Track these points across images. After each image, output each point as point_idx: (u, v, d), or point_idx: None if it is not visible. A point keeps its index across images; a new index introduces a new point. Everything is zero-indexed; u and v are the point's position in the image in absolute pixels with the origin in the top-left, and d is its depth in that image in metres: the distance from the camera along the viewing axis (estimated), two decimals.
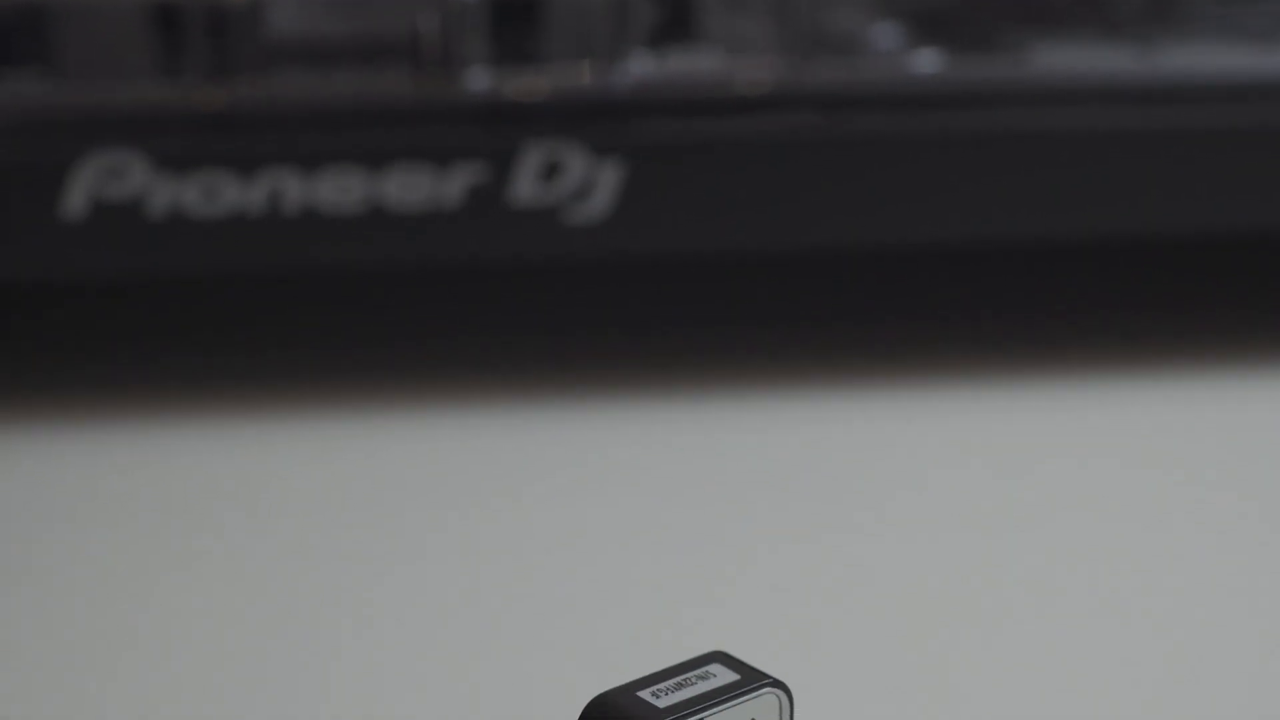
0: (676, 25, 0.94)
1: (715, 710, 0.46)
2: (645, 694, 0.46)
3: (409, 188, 0.88)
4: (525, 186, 0.89)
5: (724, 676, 0.47)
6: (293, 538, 0.82)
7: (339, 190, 0.88)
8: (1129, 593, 0.76)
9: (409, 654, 0.71)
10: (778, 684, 0.47)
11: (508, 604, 0.75)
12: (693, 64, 0.93)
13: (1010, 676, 0.69)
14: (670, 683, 0.47)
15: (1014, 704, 0.67)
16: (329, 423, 0.93)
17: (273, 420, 0.94)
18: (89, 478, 0.88)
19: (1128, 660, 0.71)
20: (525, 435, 0.92)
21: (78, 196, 0.87)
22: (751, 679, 0.47)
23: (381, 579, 0.77)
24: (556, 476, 0.88)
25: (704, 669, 0.47)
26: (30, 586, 0.78)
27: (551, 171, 0.89)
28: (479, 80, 0.90)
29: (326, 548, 0.81)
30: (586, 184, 0.89)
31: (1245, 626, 0.73)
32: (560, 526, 0.82)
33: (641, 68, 0.91)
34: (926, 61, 0.93)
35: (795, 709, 0.47)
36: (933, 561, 0.79)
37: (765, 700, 0.47)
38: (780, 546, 0.80)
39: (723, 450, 0.91)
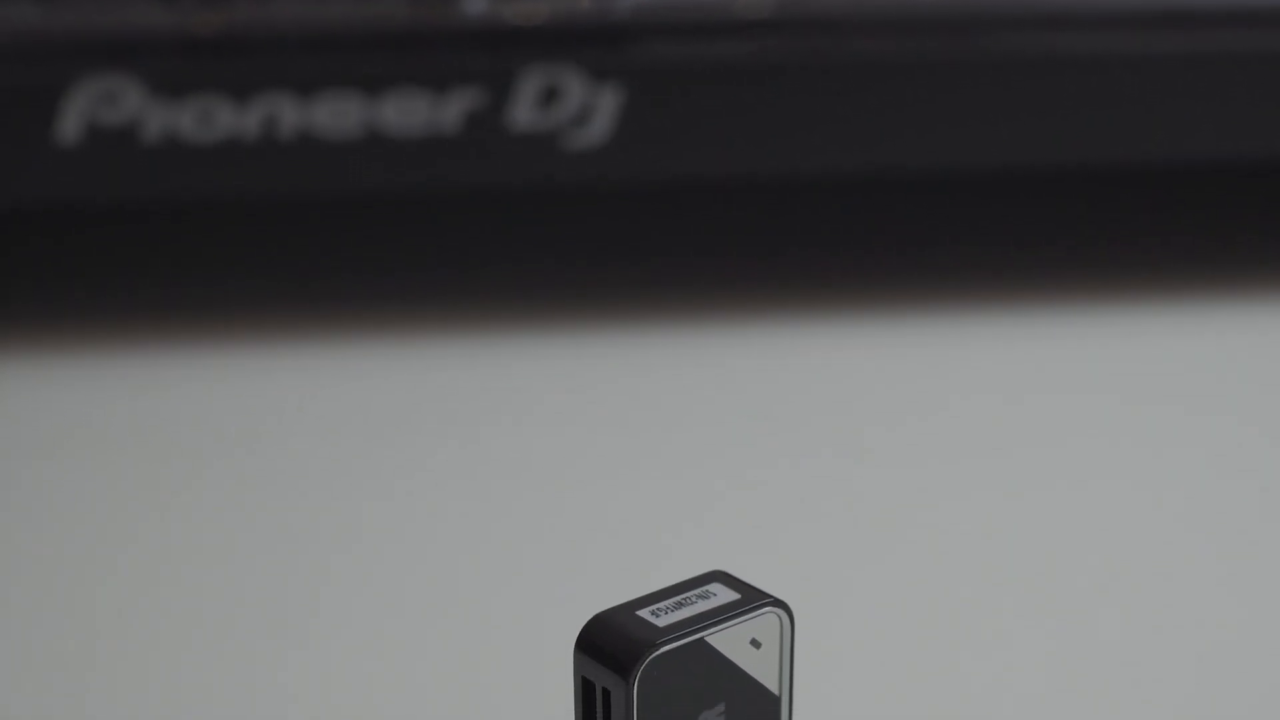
0: None
1: (715, 629, 0.45)
2: (644, 613, 0.46)
3: (406, 113, 0.87)
4: (523, 112, 0.88)
5: (724, 596, 0.47)
6: (290, 464, 0.81)
7: (335, 115, 0.87)
8: (1129, 521, 0.76)
9: (408, 579, 0.71)
10: (778, 603, 0.46)
11: (506, 527, 0.75)
12: None
13: (1008, 597, 0.69)
14: (670, 602, 0.46)
15: (1012, 623, 0.67)
16: (326, 350, 0.93)
17: (269, 348, 0.93)
18: (86, 405, 0.88)
19: (1129, 581, 0.71)
20: (522, 362, 0.91)
21: (72, 122, 0.86)
22: (752, 598, 0.46)
23: (380, 504, 0.77)
24: (553, 403, 0.87)
25: (704, 588, 0.47)
26: (34, 510, 0.78)
27: (550, 96, 0.88)
28: (476, 3, 0.89)
29: (324, 474, 0.80)
30: (585, 109, 0.88)
31: (1243, 541, 0.73)
32: (557, 452, 0.82)
33: None
34: None
35: (796, 628, 0.47)
36: (932, 485, 0.79)
37: (766, 619, 0.46)
38: (781, 472, 0.80)
39: (722, 376, 0.90)
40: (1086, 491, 0.78)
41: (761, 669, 0.47)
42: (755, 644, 0.46)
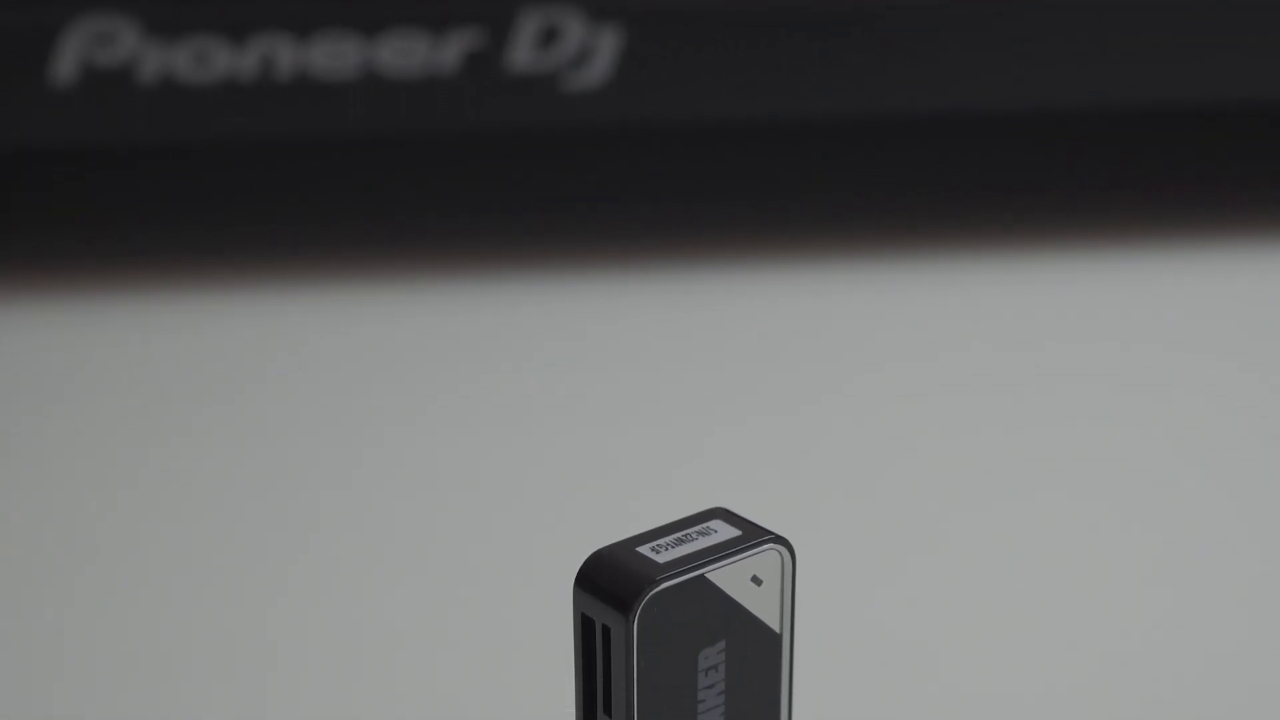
0: None
1: (716, 565, 0.45)
2: (645, 549, 0.45)
3: (404, 54, 0.87)
4: (522, 53, 0.87)
5: (725, 532, 0.46)
6: (288, 406, 0.81)
7: (332, 57, 0.86)
8: (1127, 463, 0.76)
9: (405, 517, 0.71)
10: (780, 540, 0.46)
11: (505, 466, 0.75)
12: None
13: (1007, 533, 0.69)
14: (670, 538, 0.46)
15: (1012, 559, 0.67)
16: (323, 293, 0.93)
17: (266, 290, 0.93)
18: (85, 347, 0.87)
19: (1126, 518, 0.70)
20: (521, 305, 0.91)
21: (67, 63, 0.85)
22: (753, 535, 0.46)
23: (377, 446, 0.77)
24: (554, 345, 0.87)
25: (705, 525, 0.46)
26: (30, 452, 0.77)
27: (549, 37, 0.87)
28: None
29: (322, 416, 0.80)
30: (585, 50, 0.88)
31: (1241, 477, 0.73)
32: (556, 394, 0.82)
33: None
34: None
35: (797, 565, 0.46)
36: (932, 426, 0.79)
37: (767, 556, 0.46)
38: (781, 413, 0.80)
39: (721, 320, 0.90)
40: (1084, 433, 0.78)
41: (762, 606, 0.46)
42: (756, 581, 0.46)
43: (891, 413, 0.80)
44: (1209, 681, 0.60)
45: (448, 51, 0.87)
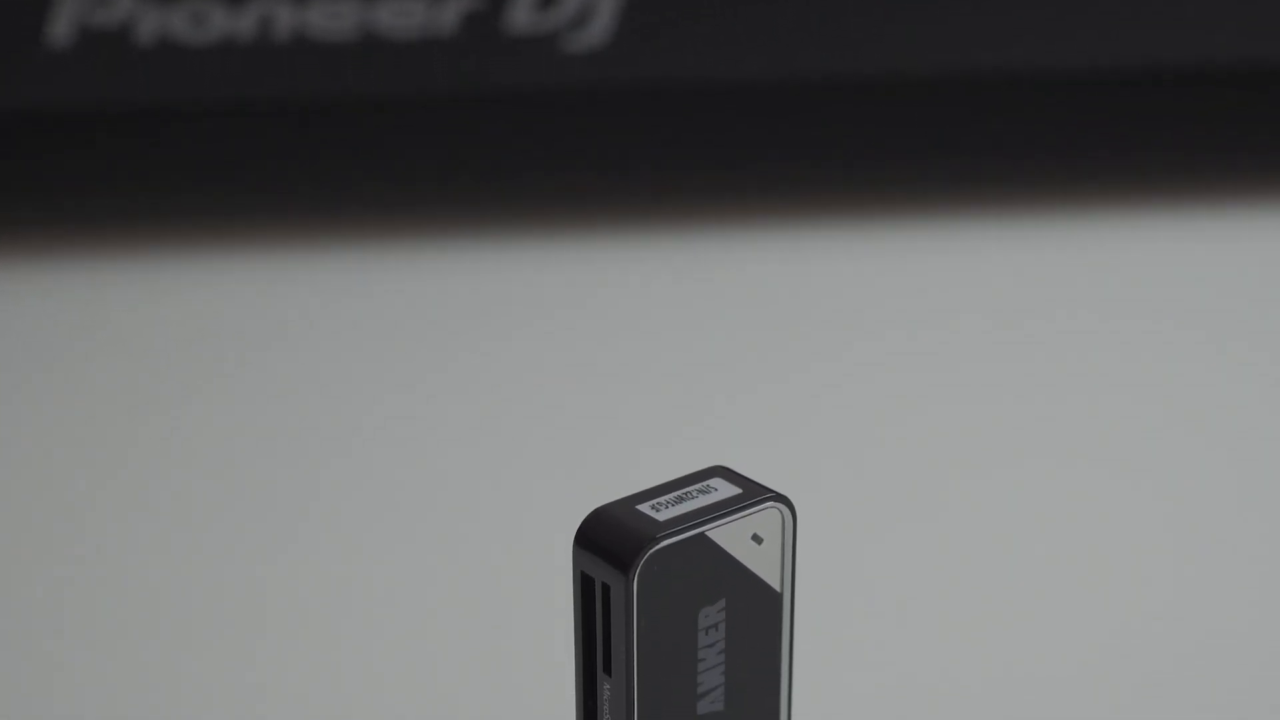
0: None
1: (716, 524, 0.44)
2: (644, 507, 0.45)
3: (403, 14, 0.86)
4: (522, 13, 0.87)
5: (725, 490, 0.46)
6: (293, 370, 0.81)
7: (331, 17, 0.86)
8: (1130, 430, 0.76)
9: (408, 475, 0.71)
10: (780, 498, 0.46)
11: (507, 426, 0.75)
12: None
13: (1007, 496, 0.69)
14: (670, 496, 0.45)
15: (1011, 521, 0.67)
16: (322, 257, 0.92)
17: (265, 254, 0.92)
18: (82, 312, 0.87)
19: (1128, 485, 0.70)
20: (524, 268, 0.91)
21: (64, 24, 0.85)
22: (754, 493, 0.45)
23: (386, 408, 0.77)
24: (553, 309, 0.87)
25: (705, 483, 0.46)
26: (40, 412, 0.77)
27: None
28: None
29: (327, 378, 0.80)
30: (584, 10, 0.87)
31: (1246, 447, 0.73)
32: (556, 356, 0.82)
33: None
34: None
35: (798, 524, 0.46)
36: (934, 391, 0.78)
37: (768, 514, 0.45)
38: (783, 376, 0.80)
39: (722, 283, 0.90)
40: (1087, 400, 0.78)
41: (763, 565, 0.46)
42: (757, 539, 0.46)
43: (893, 377, 0.80)
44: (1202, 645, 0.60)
45: (446, 12, 0.87)
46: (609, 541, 0.44)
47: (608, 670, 0.45)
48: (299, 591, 0.63)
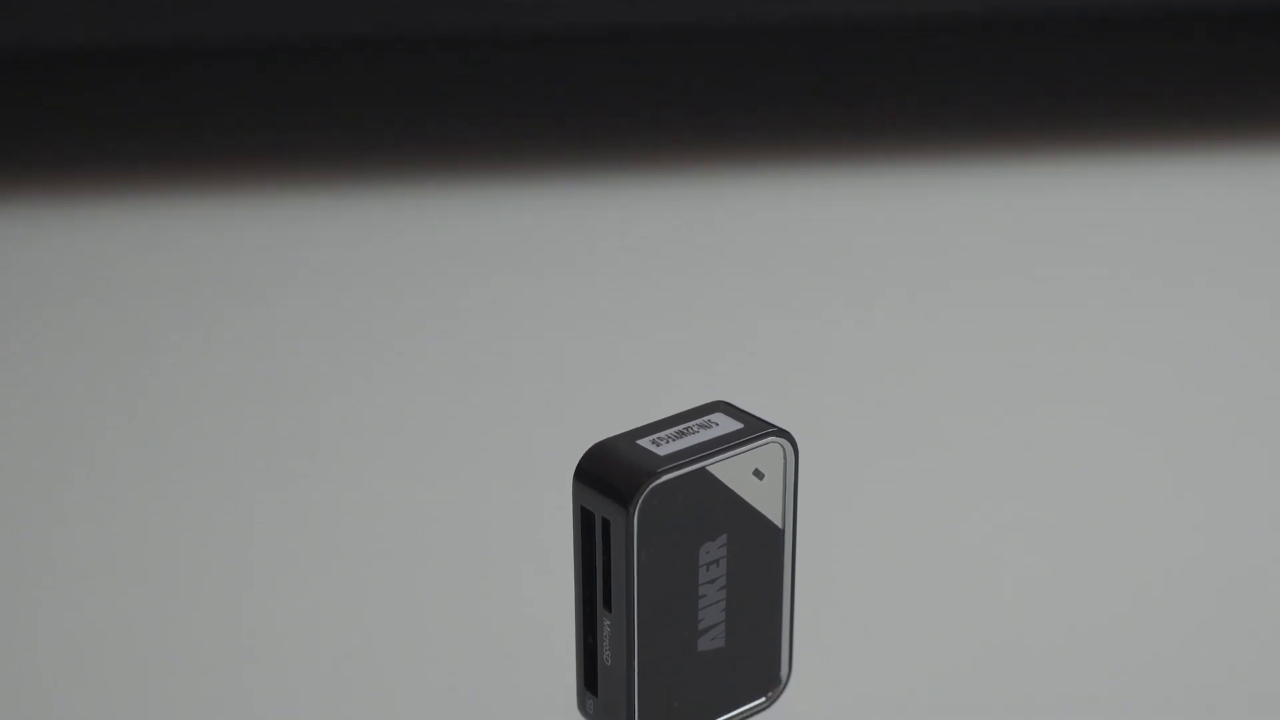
0: None
1: (718, 459, 0.44)
2: (645, 442, 0.44)
3: None
4: None
5: (726, 425, 0.45)
6: (296, 311, 0.81)
7: None
8: (1134, 371, 0.75)
9: (414, 413, 0.71)
10: (782, 433, 0.45)
11: (508, 363, 0.74)
12: None
13: (1010, 435, 0.69)
14: (671, 431, 0.45)
15: (1014, 458, 0.67)
16: (328, 197, 0.92)
17: (267, 194, 0.92)
18: (83, 252, 0.87)
19: (1130, 425, 0.70)
20: (527, 209, 0.90)
21: None
22: (755, 428, 0.45)
23: (391, 345, 0.77)
24: (557, 248, 0.87)
25: (706, 418, 0.46)
26: (41, 356, 0.77)
27: None
28: None
29: (332, 317, 0.80)
30: None
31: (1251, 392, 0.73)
32: (559, 295, 0.81)
33: None
34: None
35: (800, 460, 0.46)
36: (938, 332, 0.78)
37: (769, 450, 0.45)
38: (785, 315, 0.79)
39: (727, 224, 0.89)
40: (1091, 340, 0.77)
41: (764, 500, 0.46)
42: (758, 475, 0.45)
43: (898, 318, 0.79)
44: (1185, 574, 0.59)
45: None
46: (609, 476, 0.44)
47: (608, 606, 0.44)
48: (298, 530, 0.62)
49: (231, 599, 0.59)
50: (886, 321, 0.79)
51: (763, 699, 0.47)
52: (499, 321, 0.78)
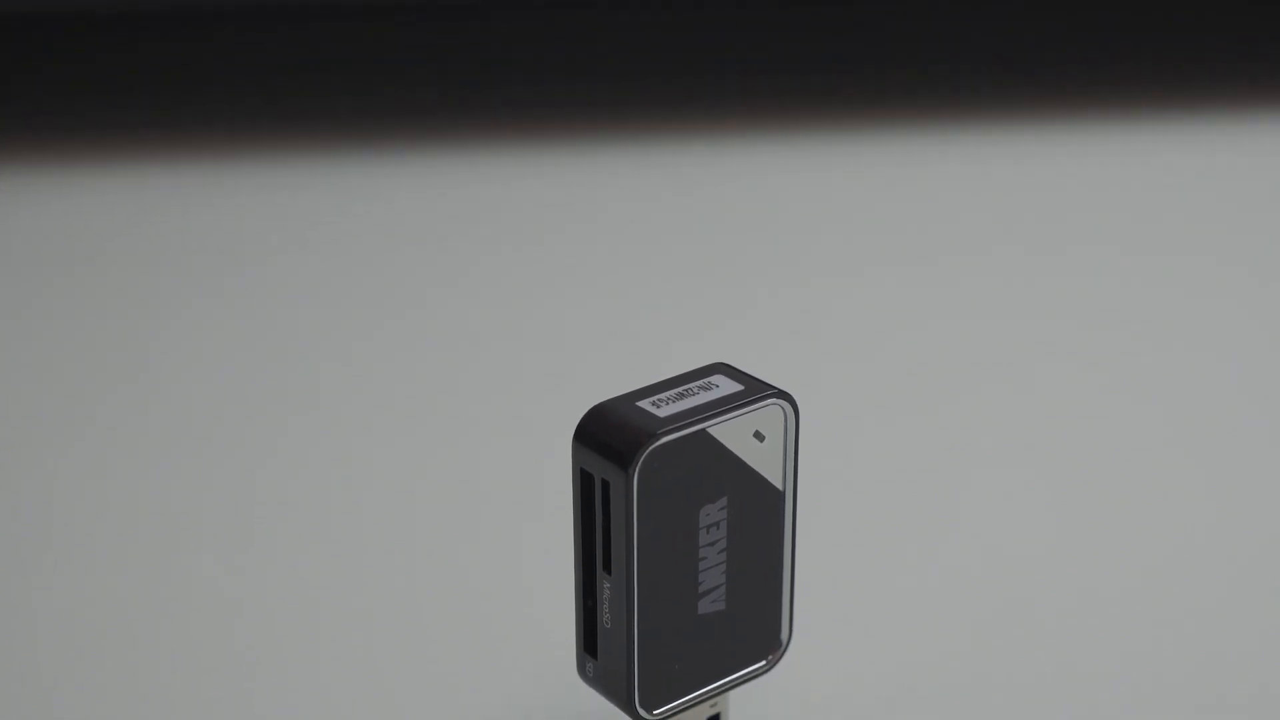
0: None
1: (718, 420, 0.44)
2: (645, 404, 0.44)
3: None
4: None
5: (727, 387, 0.45)
6: (291, 279, 0.81)
7: None
8: (1135, 335, 0.75)
9: (414, 375, 0.70)
10: (782, 395, 0.45)
11: (507, 327, 0.74)
12: None
13: (1008, 394, 0.69)
14: (671, 393, 0.44)
15: (1016, 421, 0.67)
16: (327, 165, 0.92)
17: (261, 162, 0.92)
18: (88, 217, 0.86)
19: (1131, 390, 0.70)
20: (524, 176, 0.90)
21: None
22: (755, 390, 0.45)
23: (390, 312, 0.77)
24: (556, 215, 0.86)
25: (706, 380, 0.45)
26: (37, 319, 0.77)
27: None
28: None
29: (328, 285, 0.80)
30: None
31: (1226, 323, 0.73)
32: (560, 261, 0.81)
33: None
34: None
35: (800, 422, 0.45)
36: (937, 297, 0.78)
37: (770, 411, 0.45)
38: (785, 279, 0.79)
39: (726, 189, 0.89)
40: (1093, 306, 0.77)
41: (765, 462, 0.45)
42: (759, 437, 0.45)
43: (897, 282, 0.79)
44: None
45: None
46: (609, 437, 0.43)
47: (607, 569, 0.44)
48: (298, 493, 0.62)
49: (233, 556, 0.59)
50: (889, 285, 0.79)
51: (763, 662, 0.47)
52: (495, 288, 0.78)
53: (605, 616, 0.44)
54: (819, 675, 0.52)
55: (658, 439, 0.43)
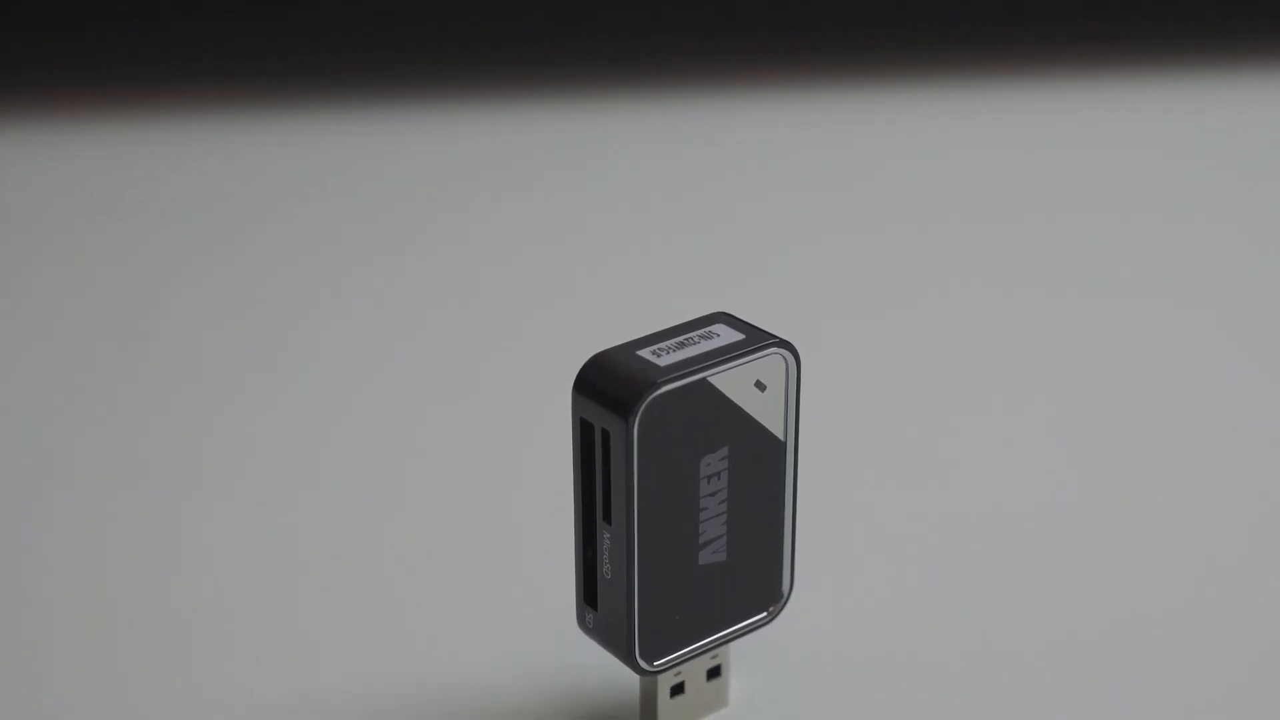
0: None
1: (719, 369, 0.43)
2: (645, 353, 0.43)
3: None
4: None
5: (728, 336, 0.44)
6: (296, 232, 0.80)
7: None
8: (1140, 296, 0.75)
9: (414, 330, 0.70)
10: (784, 344, 0.44)
11: (506, 279, 0.74)
12: None
13: (1013, 348, 0.68)
14: (672, 342, 0.44)
15: (1022, 376, 0.66)
16: (330, 119, 0.91)
17: (263, 115, 0.91)
18: (92, 174, 0.86)
19: (1133, 348, 0.70)
20: (529, 128, 0.90)
21: None
22: (757, 339, 0.44)
23: (390, 264, 0.76)
24: (559, 167, 0.86)
25: (707, 329, 0.45)
26: (40, 277, 0.76)
27: None
28: None
29: (331, 240, 0.79)
30: None
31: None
32: (561, 213, 0.81)
33: None
34: None
35: (802, 372, 0.45)
36: (943, 253, 0.78)
37: (771, 360, 0.44)
38: (788, 232, 0.79)
39: (730, 143, 0.89)
40: (1096, 265, 0.77)
41: (766, 412, 0.45)
42: (760, 386, 0.44)
43: (901, 237, 0.79)
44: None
45: None
46: (609, 387, 0.43)
47: (607, 519, 0.44)
48: (295, 450, 0.62)
49: (223, 507, 0.58)
50: (894, 240, 0.78)
51: (764, 614, 0.47)
52: (496, 240, 0.78)
53: (605, 567, 0.44)
54: (820, 627, 0.51)
55: (658, 388, 0.42)
